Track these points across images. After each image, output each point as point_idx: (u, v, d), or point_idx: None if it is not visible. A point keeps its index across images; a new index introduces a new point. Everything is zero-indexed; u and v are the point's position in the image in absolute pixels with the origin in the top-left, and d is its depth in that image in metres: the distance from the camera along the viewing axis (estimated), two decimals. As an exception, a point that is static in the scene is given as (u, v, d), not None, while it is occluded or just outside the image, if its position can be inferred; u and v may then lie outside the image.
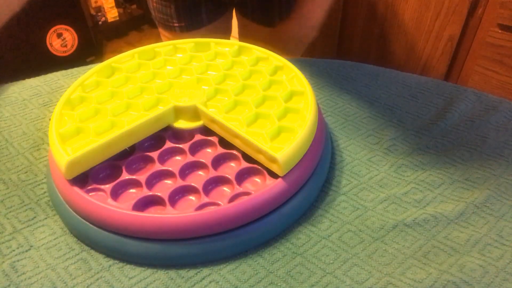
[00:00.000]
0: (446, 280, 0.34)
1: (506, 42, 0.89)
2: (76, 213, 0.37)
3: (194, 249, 0.35)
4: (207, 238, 0.35)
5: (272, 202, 0.37)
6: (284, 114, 0.44)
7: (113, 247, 0.36)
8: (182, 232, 0.35)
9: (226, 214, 0.35)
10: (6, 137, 0.49)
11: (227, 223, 0.35)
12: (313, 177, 0.41)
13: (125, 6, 1.96)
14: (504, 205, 0.41)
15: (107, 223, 0.35)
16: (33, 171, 0.44)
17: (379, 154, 0.47)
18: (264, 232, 0.37)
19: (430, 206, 0.41)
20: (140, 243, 0.35)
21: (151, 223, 0.34)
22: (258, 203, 0.36)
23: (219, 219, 0.35)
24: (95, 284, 0.34)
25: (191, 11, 0.76)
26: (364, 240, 0.38)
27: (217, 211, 0.35)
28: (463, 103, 0.53)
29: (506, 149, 0.47)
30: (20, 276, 0.35)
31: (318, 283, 0.34)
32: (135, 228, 0.35)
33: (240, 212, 0.35)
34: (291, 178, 0.38)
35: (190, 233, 0.35)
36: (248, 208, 0.36)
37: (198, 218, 0.34)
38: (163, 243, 0.35)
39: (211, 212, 0.35)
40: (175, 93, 0.45)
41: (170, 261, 0.36)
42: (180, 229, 0.34)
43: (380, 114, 0.53)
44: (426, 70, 1.09)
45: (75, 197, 0.37)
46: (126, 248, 0.35)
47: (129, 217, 0.35)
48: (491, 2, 0.90)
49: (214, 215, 0.35)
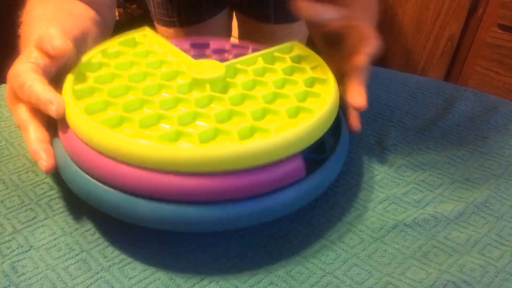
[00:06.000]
0: (446, 280, 0.34)
1: (506, 42, 0.89)
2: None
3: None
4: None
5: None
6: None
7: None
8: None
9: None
10: (6, 137, 0.49)
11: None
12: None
13: (125, 6, 1.96)
14: (504, 205, 0.41)
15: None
16: (34, 172, 0.44)
17: (379, 154, 0.47)
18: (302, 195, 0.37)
19: (430, 206, 0.41)
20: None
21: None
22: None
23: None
24: (95, 284, 0.34)
25: (192, 5, 0.77)
26: (364, 240, 0.38)
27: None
28: (463, 103, 0.53)
29: (506, 149, 0.47)
30: (20, 277, 0.35)
31: (318, 283, 0.34)
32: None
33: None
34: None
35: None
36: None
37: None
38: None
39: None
40: (194, 68, 0.43)
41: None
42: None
43: (380, 114, 0.53)
44: (426, 70, 1.10)
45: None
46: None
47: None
48: (491, 2, 0.90)
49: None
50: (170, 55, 0.46)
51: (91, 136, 0.35)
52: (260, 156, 0.34)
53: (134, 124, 0.37)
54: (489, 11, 0.90)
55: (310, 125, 0.37)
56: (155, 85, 0.42)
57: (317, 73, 0.44)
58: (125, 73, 0.43)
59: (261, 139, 0.34)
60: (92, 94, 0.40)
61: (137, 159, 0.33)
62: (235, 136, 0.36)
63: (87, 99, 0.39)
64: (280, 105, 0.41)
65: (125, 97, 0.40)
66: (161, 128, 0.37)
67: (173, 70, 0.44)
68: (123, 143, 0.34)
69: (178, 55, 0.46)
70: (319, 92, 0.42)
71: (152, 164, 0.33)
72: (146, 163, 0.33)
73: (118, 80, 0.42)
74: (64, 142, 0.38)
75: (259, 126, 0.37)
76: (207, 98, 0.40)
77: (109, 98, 0.39)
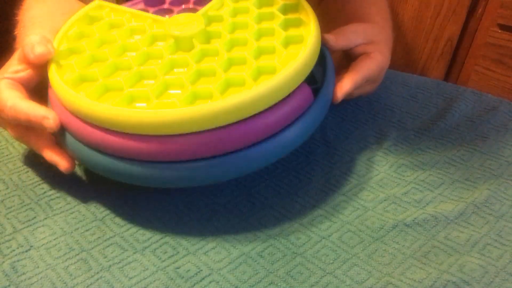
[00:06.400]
0: (446, 280, 0.34)
1: (506, 42, 0.89)
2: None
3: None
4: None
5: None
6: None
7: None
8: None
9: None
10: (6, 137, 0.49)
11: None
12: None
13: (122, 5, 1.96)
14: (504, 205, 0.41)
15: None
16: (34, 171, 0.44)
17: (379, 154, 0.47)
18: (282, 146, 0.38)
19: (430, 206, 0.41)
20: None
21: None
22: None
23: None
24: (95, 284, 0.34)
25: None
26: (364, 240, 0.38)
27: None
28: (463, 103, 0.53)
29: (506, 149, 0.47)
30: (20, 276, 0.35)
31: (318, 283, 0.34)
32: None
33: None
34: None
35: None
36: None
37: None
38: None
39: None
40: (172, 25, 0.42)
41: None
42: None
43: (380, 114, 0.53)
44: (426, 70, 1.10)
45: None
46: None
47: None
48: (491, 2, 0.90)
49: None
50: (135, 21, 0.44)
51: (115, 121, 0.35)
52: (276, 94, 0.36)
53: (149, 98, 0.36)
54: (489, 11, 0.90)
55: (308, 53, 0.38)
56: (142, 54, 0.40)
57: (286, 0, 0.45)
58: (103, 52, 0.41)
59: (271, 79, 0.35)
60: (83, 82, 0.39)
61: (170, 127, 0.34)
62: (249, 82, 0.36)
63: (84, 89, 0.38)
64: (269, 40, 0.41)
65: (121, 75, 0.39)
66: (176, 94, 0.37)
67: (150, 35, 0.42)
68: (148, 115, 0.34)
69: (144, 18, 0.44)
70: (299, 17, 0.42)
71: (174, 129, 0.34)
72: (159, 130, 0.34)
73: (101, 61, 0.41)
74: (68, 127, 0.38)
75: (263, 65, 0.38)
76: (200, 53, 0.40)
77: (106, 81, 0.38)
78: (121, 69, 0.40)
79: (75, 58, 0.41)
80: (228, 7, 0.45)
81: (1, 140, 0.48)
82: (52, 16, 0.47)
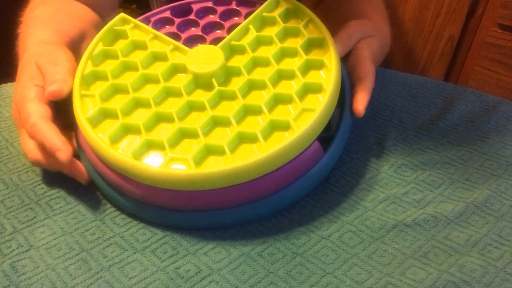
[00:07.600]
0: (446, 280, 0.34)
1: (506, 42, 0.89)
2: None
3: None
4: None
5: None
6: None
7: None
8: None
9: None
10: (6, 137, 0.49)
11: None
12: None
13: (125, 6, 1.96)
14: (504, 205, 0.41)
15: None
16: (34, 171, 0.44)
17: (379, 154, 0.47)
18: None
19: (430, 206, 0.41)
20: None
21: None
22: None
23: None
24: (95, 284, 0.34)
25: None
26: (364, 240, 0.38)
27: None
28: (463, 103, 0.53)
29: (506, 149, 0.47)
30: (20, 276, 0.35)
31: (318, 283, 0.34)
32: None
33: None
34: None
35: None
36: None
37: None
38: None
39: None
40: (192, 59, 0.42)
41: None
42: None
43: (380, 114, 0.53)
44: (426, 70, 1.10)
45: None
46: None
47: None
48: (491, 2, 0.90)
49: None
50: (158, 45, 0.45)
51: (125, 168, 0.38)
52: (285, 156, 0.37)
53: (164, 148, 0.38)
54: (489, 11, 0.90)
55: (323, 111, 0.38)
56: (161, 91, 0.41)
57: (311, 33, 0.44)
58: (125, 81, 0.42)
59: (281, 143, 0.36)
60: (105, 118, 0.40)
61: (178, 185, 0.37)
62: (261, 141, 0.37)
63: (104, 127, 0.40)
64: (287, 86, 0.41)
65: (139, 115, 0.40)
66: (189, 145, 0.38)
67: (171, 65, 0.43)
68: (165, 173, 0.36)
69: (167, 42, 0.45)
70: (320, 58, 0.42)
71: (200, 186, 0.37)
72: (183, 187, 0.37)
73: (122, 92, 0.42)
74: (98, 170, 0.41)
75: (277, 121, 0.38)
76: (217, 95, 0.41)
77: (125, 121, 0.39)
78: (141, 105, 0.41)
79: (97, 87, 0.42)
80: (252, 35, 0.44)
81: (1, 140, 0.48)
82: (56, 16, 0.47)
